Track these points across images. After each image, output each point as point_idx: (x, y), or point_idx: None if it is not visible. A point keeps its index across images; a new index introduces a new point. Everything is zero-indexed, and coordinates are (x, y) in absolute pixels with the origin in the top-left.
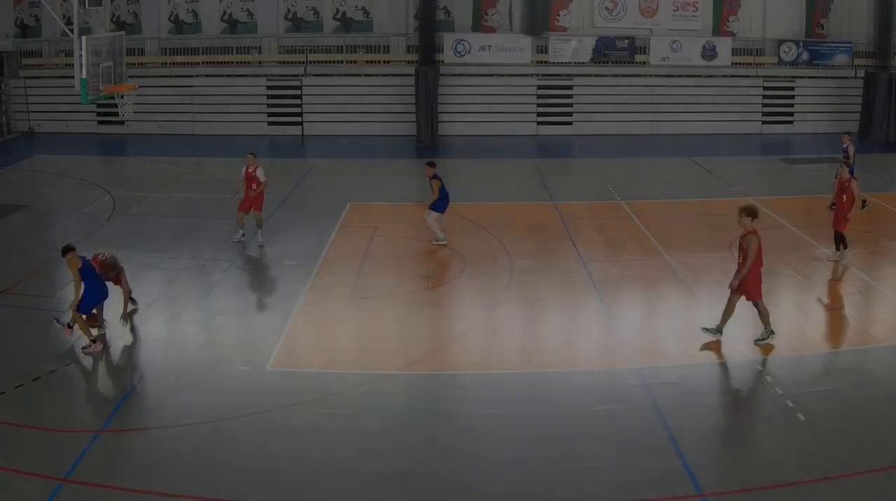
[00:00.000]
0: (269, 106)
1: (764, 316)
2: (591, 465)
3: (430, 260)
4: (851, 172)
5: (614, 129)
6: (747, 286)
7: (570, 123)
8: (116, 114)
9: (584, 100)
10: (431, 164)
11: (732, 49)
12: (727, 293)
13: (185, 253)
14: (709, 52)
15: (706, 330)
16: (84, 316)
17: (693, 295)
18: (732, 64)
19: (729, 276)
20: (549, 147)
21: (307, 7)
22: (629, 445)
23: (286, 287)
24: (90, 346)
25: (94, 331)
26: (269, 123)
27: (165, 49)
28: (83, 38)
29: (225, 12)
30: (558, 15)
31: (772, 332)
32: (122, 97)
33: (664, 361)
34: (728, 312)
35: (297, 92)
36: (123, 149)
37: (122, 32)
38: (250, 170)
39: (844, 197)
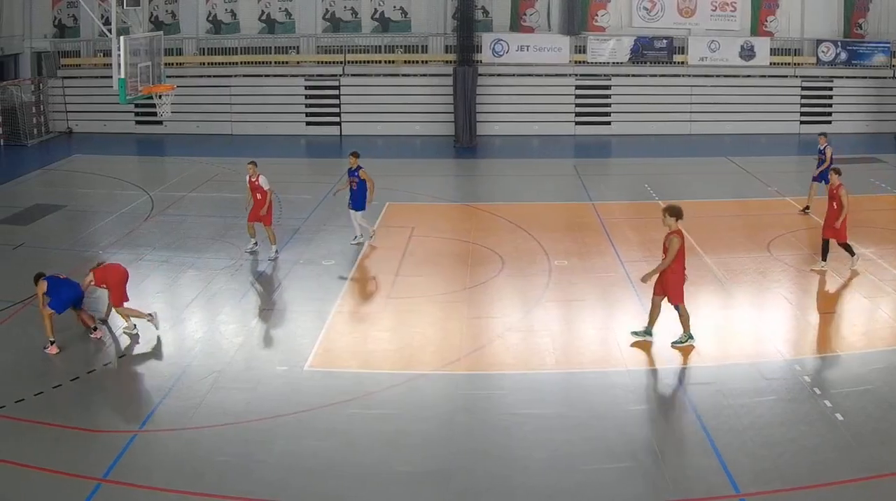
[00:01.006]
0: (307, 106)
1: (684, 319)
2: (629, 465)
3: (469, 259)
4: (823, 177)
5: (652, 129)
6: (668, 288)
7: (608, 123)
8: (154, 114)
9: (623, 100)
10: (355, 154)
11: (771, 49)
12: (762, 293)
13: (222, 253)
14: (747, 52)
15: (635, 333)
16: (55, 314)
17: (731, 294)
18: (770, 64)
19: (766, 277)
20: (588, 147)
21: (345, 7)
22: (666, 445)
23: (324, 287)
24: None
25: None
26: (308, 123)
27: (203, 49)
28: (121, 38)
29: (263, 12)
30: (596, 15)
31: (690, 336)
32: (160, 97)
33: (701, 361)
34: (654, 314)
35: (336, 92)
36: (161, 149)
37: (161, 32)
38: (253, 180)
39: (835, 204)
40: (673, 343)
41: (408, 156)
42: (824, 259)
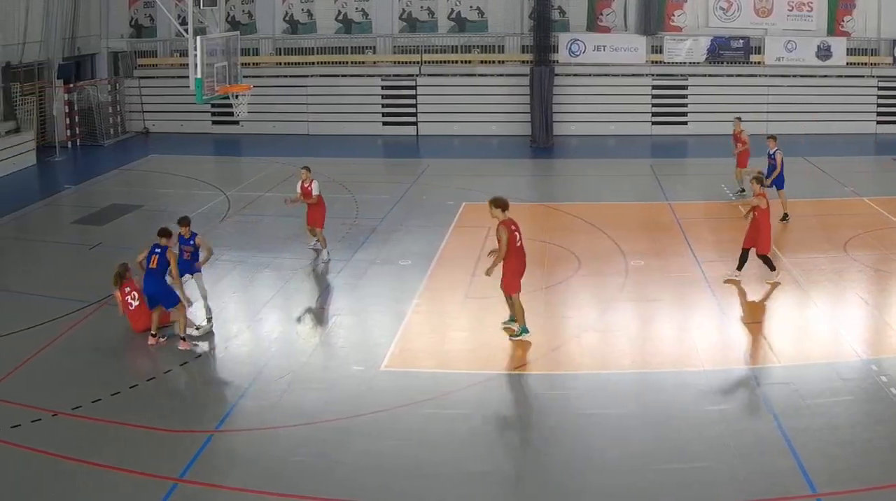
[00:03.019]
0: (383, 106)
1: (517, 311)
2: (704, 465)
3: (545, 259)
4: (777, 183)
5: (729, 129)
6: (502, 278)
7: (685, 123)
8: (231, 114)
9: (699, 100)
10: (185, 222)
11: (847, 49)
12: (839, 293)
13: (299, 253)
14: (823, 52)
15: (505, 321)
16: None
17: (807, 294)
18: (847, 64)
19: (843, 277)
20: (664, 147)
21: (422, 7)
22: (742, 445)
23: (401, 287)
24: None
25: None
26: (384, 123)
27: (280, 49)
28: (198, 38)
29: (339, 12)
30: (673, 15)
31: (525, 330)
32: (236, 97)
33: (777, 361)
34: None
35: (412, 92)
36: (238, 149)
37: (237, 32)
38: (305, 185)
39: (756, 213)
40: (511, 335)
41: (484, 156)
42: (739, 268)
